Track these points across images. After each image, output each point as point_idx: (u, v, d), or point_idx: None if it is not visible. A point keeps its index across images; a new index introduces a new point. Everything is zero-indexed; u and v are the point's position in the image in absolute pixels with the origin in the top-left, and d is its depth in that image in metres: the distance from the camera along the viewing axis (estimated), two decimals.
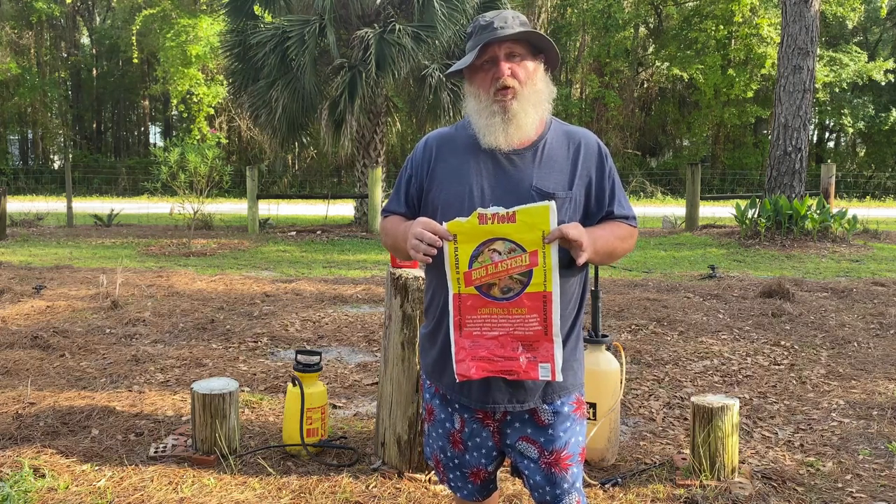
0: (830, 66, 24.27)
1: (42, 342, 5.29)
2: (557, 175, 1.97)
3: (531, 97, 1.96)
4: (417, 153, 2.11)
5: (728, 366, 5.00)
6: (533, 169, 1.96)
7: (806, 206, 11.75)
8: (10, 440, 3.57)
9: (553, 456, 1.98)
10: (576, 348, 2.04)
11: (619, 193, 2.06)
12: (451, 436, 2.07)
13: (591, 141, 2.05)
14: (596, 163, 2.02)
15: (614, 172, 2.07)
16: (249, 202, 13.78)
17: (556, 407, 1.99)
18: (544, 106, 2.00)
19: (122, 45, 27.08)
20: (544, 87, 2.00)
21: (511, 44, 1.95)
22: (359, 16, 13.68)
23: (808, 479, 3.29)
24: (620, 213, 2.05)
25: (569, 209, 1.96)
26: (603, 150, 2.05)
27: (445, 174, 2.03)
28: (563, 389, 1.99)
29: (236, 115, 24.48)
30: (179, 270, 8.73)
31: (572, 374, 2.01)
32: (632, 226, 2.06)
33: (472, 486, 2.13)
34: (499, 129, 1.94)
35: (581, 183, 1.99)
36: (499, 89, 1.93)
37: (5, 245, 11.25)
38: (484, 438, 2.04)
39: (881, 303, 6.95)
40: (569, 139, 2.03)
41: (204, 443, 3.38)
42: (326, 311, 6.55)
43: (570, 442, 2.00)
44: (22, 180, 25.82)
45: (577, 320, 2.04)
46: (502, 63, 1.94)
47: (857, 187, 25.66)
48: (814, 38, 12.24)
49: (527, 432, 1.99)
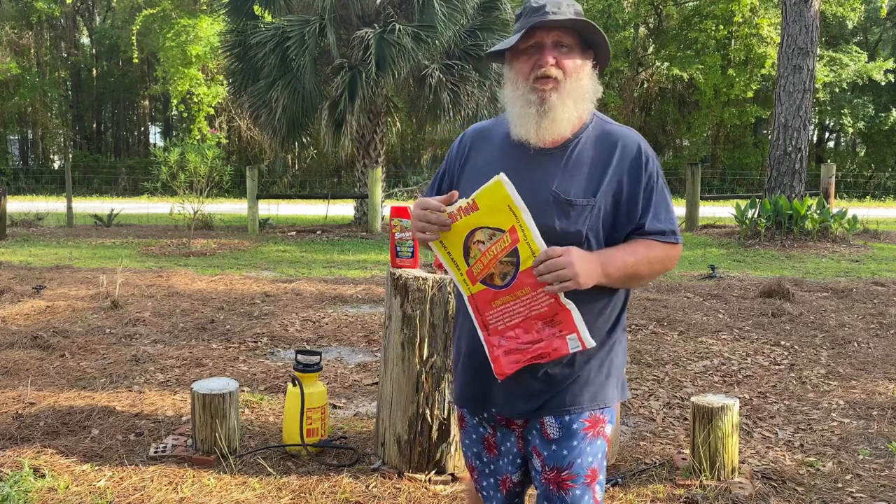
0: (830, 66, 24.27)
1: (42, 342, 5.29)
2: (582, 179, 1.80)
3: (573, 92, 1.80)
4: (453, 149, 2.01)
5: (728, 366, 5.00)
6: (558, 170, 1.81)
7: (806, 206, 11.75)
8: (10, 440, 3.57)
9: (553, 473, 1.86)
10: (603, 363, 1.87)
11: (657, 205, 1.83)
12: (486, 440, 1.99)
13: (630, 143, 1.84)
14: (631, 168, 1.82)
15: (656, 180, 1.84)
16: (249, 202, 13.78)
17: (564, 422, 1.85)
18: (586, 105, 1.83)
19: (122, 45, 27.07)
20: (589, 85, 1.83)
21: (561, 32, 1.79)
22: (359, 16, 13.68)
23: (808, 479, 3.29)
24: (654, 229, 1.82)
25: (588, 218, 1.78)
26: (644, 156, 1.83)
27: (473, 171, 1.92)
28: (574, 405, 1.84)
29: (236, 115, 24.46)
30: (179, 270, 8.73)
31: (588, 391, 1.85)
32: (667, 242, 1.83)
33: (502, 495, 2.01)
34: (531, 121, 1.80)
35: (609, 190, 1.80)
36: (539, 77, 1.78)
37: (5, 245, 11.25)
38: (512, 443, 1.95)
39: (881, 303, 6.95)
40: (606, 140, 1.84)
41: (204, 443, 3.38)
42: (326, 311, 6.55)
43: (576, 462, 1.85)
44: (22, 180, 25.81)
45: (611, 333, 1.87)
46: (548, 51, 1.78)
47: (857, 187, 25.65)
48: (814, 38, 12.24)
49: (536, 443, 1.89)
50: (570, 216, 1.78)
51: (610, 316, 1.87)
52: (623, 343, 1.93)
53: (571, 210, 1.78)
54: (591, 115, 1.87)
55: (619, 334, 1.90)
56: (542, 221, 1.74)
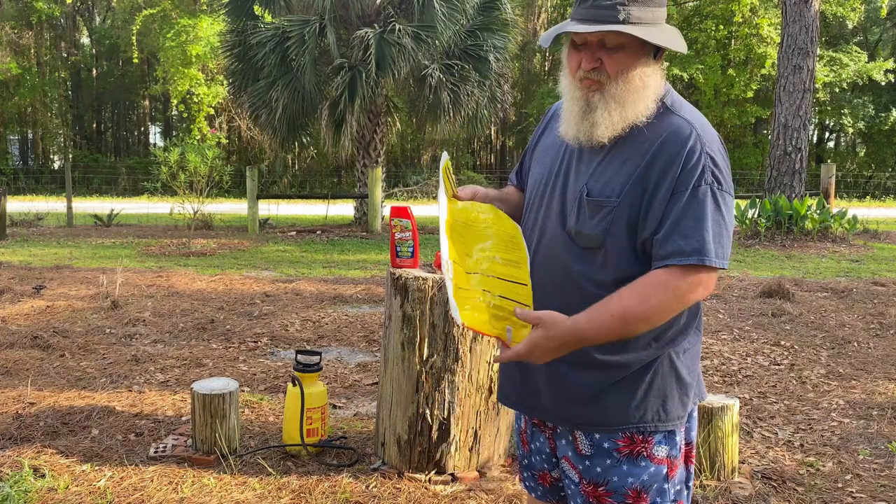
0: (830, 66, 24.28)
1: (42, 342, 5.29)
2: (617, 176, 1.60)
3: (619, 96, 1.58)
4: (542, 120, 1.88)
5: (728, 366, 5.00)
6: (595, 165, 1.64)
7: (806, 206, 11.75)
8: (10, 440, 3.57)
9: (590, 487, 1.70)
10: (640, 381, 1.65)
11: (683, 216, 1.53)
12: (521, 433, 1.90)
13: (676, 137, 1.57)
14: (665, 165, 1.55)
15: (691, 185, 1.53)
16: (249, 202, 13.78)
17: (595, 440, 1.69)
18: (641, 106, 1.59)
19: (122, 45, 27.07)
20: (647, 84, 1.60)
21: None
22: (359, 16, 13.68)
23: (808, 479, 3.29)
24: (670, 250, 1.52)
25: (607, 220, 1.59)
26: (687, 151, 1.55)
27: (541, 151, 1.79)
28: (606, 424, 1.66)
29: (236, 115, 24.46)
30: (179, 270, 8.73)
31: (618, 411, 1.66)
32: (681, 266, 1.52)
33: (543, 487, 1.89)
34: (572, 120, 1.65)
35: (634, 190, 1.57)
36: (583, 77, 1.62)
37: (5, 245, 11.24)
38: (542, 443, 1.83)
39: (881, 303, 6.95)
40: (653, 132, 1.59)
41: (204, 443, 3.38)
42: (326, 311, 6.55)
43: (612, 480, 1.68)
44: (22, 180, 25.80)
45: (647, 349, 1.65)
46: (592, 51, 1.60)
47: (857, 187, 25.67)
48: (814, 38, 12.25)
49: (568, 454, 1.74)
50: (593, 217, 1.61)
51: (647, 333, 1.62)
52: (677, 362, 1.68)
53: (594, 210, 1.61)
54: (652, 112, 1.62)
55: (662, 351, 1.66)
56: (563, 221, 1.66)
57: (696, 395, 1.73)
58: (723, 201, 1.57)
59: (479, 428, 3.23)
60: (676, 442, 1.71)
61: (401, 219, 3.02)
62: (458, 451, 3.21)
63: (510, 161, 31.38)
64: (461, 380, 3.14)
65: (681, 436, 1.72)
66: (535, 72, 30.19)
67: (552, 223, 1.70)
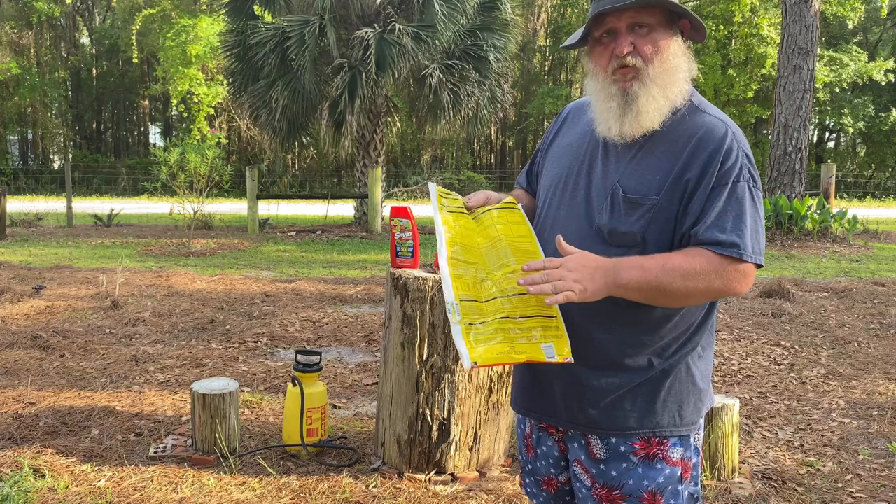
0: (830, 66, 24.29)
1: (42, 342, 5.29)
2: (652, 173, 1.58)
3: (659, 77, 1.58)
4: (555, 121, 1.86)
5: (728, 366, 5.00)
6: (627, 162, 1.62)
7: (806, 206, 11.76)
8: (10, 440, 3.57)
9: (604, 491, 1.69)
10: (658, 387, 1.65)
11: (724, 211, 1.53)
12: (525, 439, 1.88)
13: (711, 135, 1.57)
14: (703, 162, 1.55)
15: (730, 182, 1.54)
16: (249, 202, 13.78)
17: (611, 444, 1.68)
18: (678, 87, 1.59)
19: (122, 45, 27.09)
20: (680, 65, 1.60)
21: (635, 11, 1.57)
22: (359, 16, 13.69)
23: (808, 479, 3.29)
24: (709, 238, 1.52)
25: (646, 218, 1.58)
26: (725, 150, 1.55)
27: (556, 151, 1.77)
28: (624, 429, 1.66)
29: (236, 115, 24.46)
30: (179, 270, 8.73)
31: (634, 416, 1.65)
32: (723, 255, 1.52)
33: (547, 493, 1.87)
34: (613, 117, 1.60)
35: (674, 188, 1.56)
36: (617, 68, 1.59)
37: (5, 245, 11.24)
38: (550, 447, 1.81)
39: (881, 303, 6.95)
40: (687, 130, 1.59)
41: (204, 443, 3.38)
42: (326, 311, 6.55)
43: (627, 483, 1.67)
44: (22, 180, 25.83)
45: (662, 355, 1.64)
46: (622, 37, 1.58)
47: (857, 187, 25.68)
48: (814, 38, 12.25)
49: (581, 458, 1.73)
50: (629, 214, 1.59)
51: (663, 335, 1.63)
52: (693, 368, 1.68)
53: (631, 208, 1.59)
54: (685, 99, 1.62)
55: (679, 357, 1.66)
56: (591, 218, 1.63)
57: (708, 401, 1.75)
58: (758, 198, 1.59)
59: (479, 428, 3.23)
60: (691, 444, 1.72)
61: (401, 219, 3.01)
62: (458, 451, 3.21)
63: (510, 161, 31.38)
64: (461, 380, 3.14)
65: (694, 438, 1.73)
66: (536, 72, 30.20)
67: (576, 221, 1.67)
